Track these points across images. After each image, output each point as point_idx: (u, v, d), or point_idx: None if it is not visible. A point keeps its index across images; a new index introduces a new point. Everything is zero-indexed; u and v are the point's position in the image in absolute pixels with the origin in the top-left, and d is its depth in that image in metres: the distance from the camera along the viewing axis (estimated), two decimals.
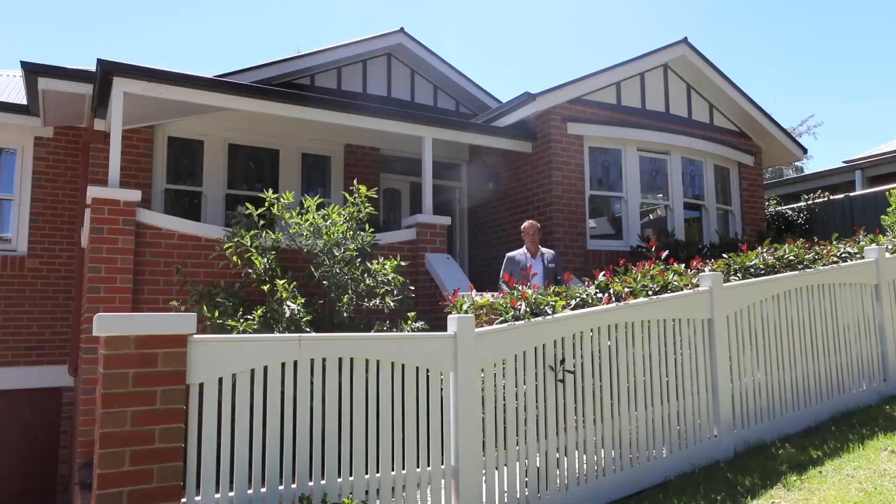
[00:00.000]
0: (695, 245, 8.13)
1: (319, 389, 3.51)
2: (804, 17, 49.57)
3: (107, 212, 5.96)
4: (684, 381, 4.84)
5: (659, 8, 52.03)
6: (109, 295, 5.88)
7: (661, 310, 4.78)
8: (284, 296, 5.17)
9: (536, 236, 6.61)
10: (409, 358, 3.76)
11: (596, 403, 4.41)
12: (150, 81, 6.31)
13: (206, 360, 3.23)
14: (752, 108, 9.88)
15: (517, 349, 4.13)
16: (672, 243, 7.84)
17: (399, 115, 7.77)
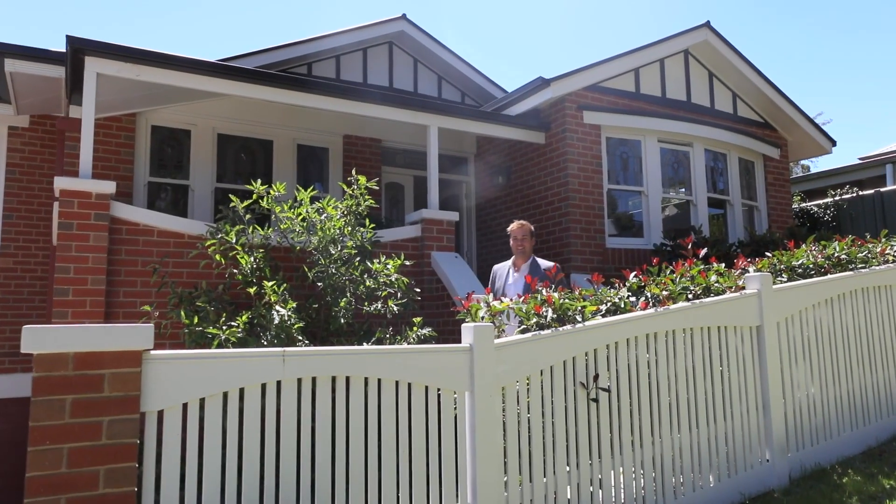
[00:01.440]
0: (722, 243, 7.50)
1: (308, 415, 2.89)
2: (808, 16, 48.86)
3: (77, 205, 5.33)
4: (732, 398, 4.21)
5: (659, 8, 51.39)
6: (79, 298, 5.26)
7: (705, 316, 4.15)
8: (273, 299, 4.54)
9: (526, 242, 5.07)
10: (416, 375, 3.13)
11: (634, 425, 3.78)
12: (125, 62, 5.68)
13: (166, 382, 2.61)
14: (778, 97, 9.24)
15: (543, 363, 3.50)
16: (699, 241, 7.20)
17: (402, 101, 7.14)
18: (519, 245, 5.06)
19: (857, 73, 47.84)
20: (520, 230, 5.10)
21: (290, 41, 9.21)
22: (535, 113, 8.13)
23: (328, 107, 6.74)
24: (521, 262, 5.04)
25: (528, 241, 5.09)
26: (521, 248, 5.04)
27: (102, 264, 5.38)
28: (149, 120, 7.48)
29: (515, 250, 5.07)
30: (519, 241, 5.07)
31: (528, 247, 5.08)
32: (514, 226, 5.15)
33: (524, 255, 5.03)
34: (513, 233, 5.12)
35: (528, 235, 5.11)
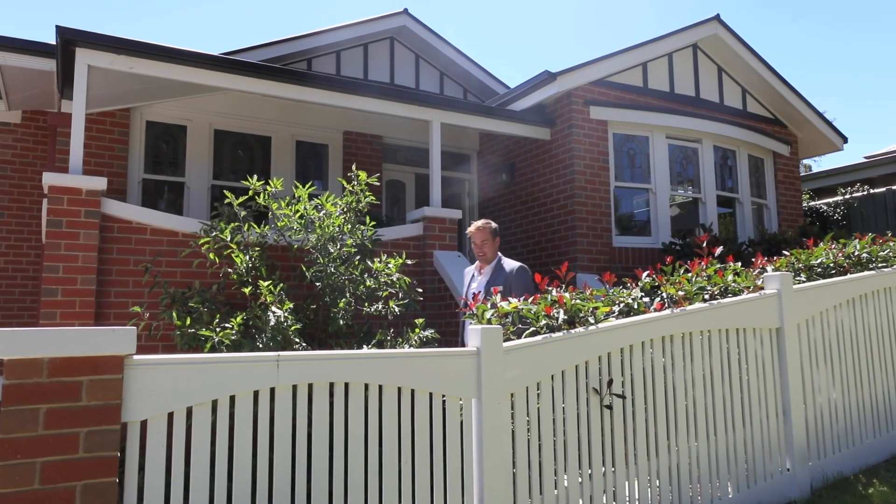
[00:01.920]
0: (733, 242, 7.29)
1: (305, 424, 2.69)
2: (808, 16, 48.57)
3: (66, 202, 5.13)
4: (751, 404, 4.01)
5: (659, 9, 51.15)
6: (68, 299, 5.06)
7: (724, 317, 3.94)
8: (269, 300, 4.34)
9: (487, 247, 4.54)
10: (419, 381, 2.93)
11: (649, 433, 3.58)
12: (118, 53, 5.48)
13: (150, 390, 2.41)
14: (788, 92, 9.03)
15: (554, 368, 3.30)
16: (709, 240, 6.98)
17: (404, 96, 6.94)
18: (479, 250, 4.58)
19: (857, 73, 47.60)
20: (478, 234, 4.57)
21: (289, 36, 9.01)
22: (540, 108, 7.92)
23: (328, 101, 6.53)
24: (484, 266, 4.61)
25: (488, 245, 4.55)
26: (482, 254, 4.57)
27: (93, 263, 5.18)
28: (143, 115, 7.28)
29: (476, 255, 4.60)
30: (478, 247, 4.58)
31: (490, 250, 4.56)
32: (472, 229, 4.60)
33: (486, 259, 4.58)
34: (472, 236, 4.61)
35: (488, 239, 4.56)
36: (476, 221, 4.62)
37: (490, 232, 4.56)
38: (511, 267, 4.46)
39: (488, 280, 4.43)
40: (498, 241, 4.61)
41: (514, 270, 4.43)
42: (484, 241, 4.53)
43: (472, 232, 4.57)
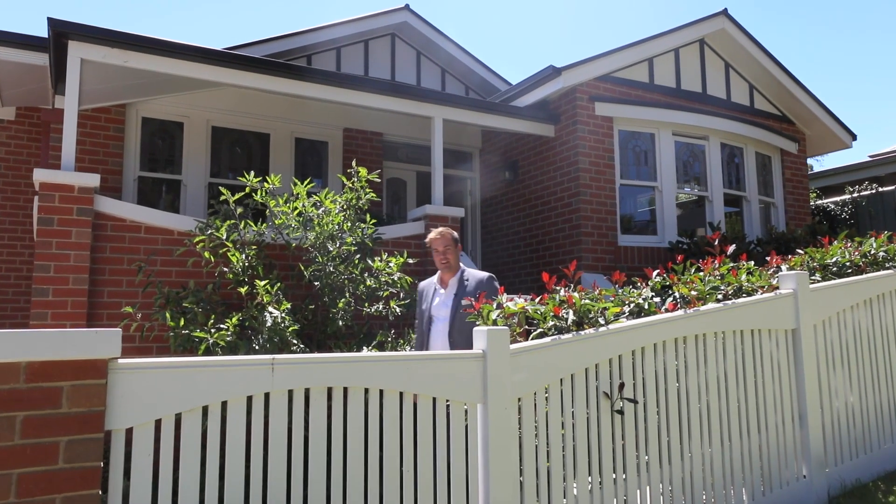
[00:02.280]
0: (741, 240, 7.13)
1: (301, 429, 2.54)
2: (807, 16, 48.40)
3: (58, 199, 4.98)
4: (766, 409, 3.86)
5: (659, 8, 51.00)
6: (59, 299, 4.91)
7: (738, 318, 3.79)
8: (266, 300, 4.19)
9: (450, 254, 4.05)
10: (421, 385, 2.78)
11: (662, 439, 3.43)
12: (112, 47, 5.33)
13: (136, 396, 2.26)
14: (797, 88, 8.87)
15: (564, 371, 3.15)
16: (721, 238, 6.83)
17: (405, 91, 6.79)
18: (442, 258, 4.06)
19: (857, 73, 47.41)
20: (440, 241, 4.08)
21: (288, 32, 8.86)
22: (545, 104, 7.77)
23: (328, 97, 6.38)
24: (449, 277, 4.08)
25: (451, 253, 4.08)
26: (446, 262, 4.06)
27: (85, 262, 5.03)
28: (139, 111, 7.13)
29: (439, 265, 4.09)
30: (441, 254, 4.07)
31: (453, 258, 4.07)
32: (434, 235, 4.12)
33: (450, 268, 4.07)
34: (433, 244, 4.12)
35: (450, 245, 4.08)
36: (435, 229, 4.17)
37: (452, 239, 4.11)
38: (480, 277, 4.04)
39: (456, 293, 3.97)
40: (459, 249, 4.18)
41: (484, 280, 4.00)
42: (447, 247, 4.06)
43: (434, 239, 4.11)
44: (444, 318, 3.95)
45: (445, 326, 3.91)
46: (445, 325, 3.91)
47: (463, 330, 3.78)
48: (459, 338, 3.78)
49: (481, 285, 3.96)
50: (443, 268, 4.08)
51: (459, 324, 3.84)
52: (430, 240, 4.14)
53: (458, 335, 3.82)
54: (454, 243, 4.10)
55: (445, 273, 4.09)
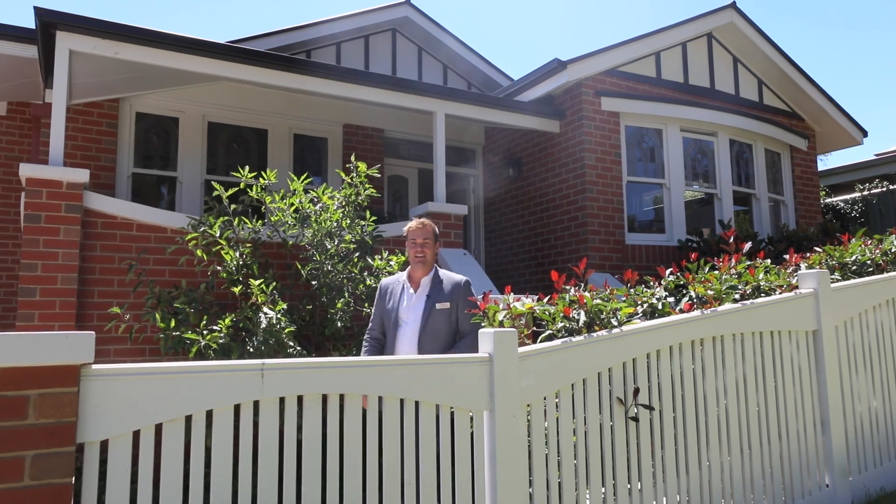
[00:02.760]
0: (752, 239, 6.93)
1: (293, 441, 2.35)
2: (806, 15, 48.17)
3: (45, 195, 4.80)
4: (787, 414, 3.66)
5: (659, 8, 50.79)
6: (47, 299, 4.73)
7: (757, 319, 3.59)
8: (261, 300, 4.00)
9: (428, 249, 3.55)
10: (424, 392, 2.58)
11: (678, 447, 3.23)
12: (102, 37, 5.15)
13: (112, 405, 2.07)
14: (807, 83, 8.67)
15: (575, 376, 2.95)
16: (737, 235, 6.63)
17: (406, 85, 6.59)
18: (418, 252, 3.53)
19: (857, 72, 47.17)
20: (420, 231, 3.56)
21: (287, 27, 8.68)
22: (549, 99, 7.58)
23: (327, 90, 6.19)
24: (422, 275, 3.55)
25: (430, 248, 3.56)
26: (422, 257, 3.53)
27: (74, 261, 4.84)
28: (133, 106, 6.94)
29: (413, 259, 3.56)
30: (419, 247, 3.54)
31: (431, 254, 3.56)
32: (414, 225, 3.62)
33: (424, 265, 3.54)
34: (410, 234, 3.59)
35: (430, 239, 3.57)
36: (417, 219, 3.74)
37: (433, 232, 3.63)
38: (457, 280, 3.56)
39: (429, 294, 3.50)
40: (438, 248, 3.69)
41: (461, 285, 3.54)
42: (426, 240, 3.56)
43: (413, 228, 3.60)
44: (414, 322, 3.46)
45: (415, 331, 3.43)
46: (415, 330, 3.43)
47: (436, 336, 3.42)
48: (430, 343, 3.40)
49: (458, 289, 3.51)
50: (416, 263, 3.55)
51: (431, 328, 3.42)
52: (409, 229, 3.63)
53: (428, 340, 3.41)
54: (434, 238, 3.63)
55: (418, 270, 3.57)
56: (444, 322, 3.43)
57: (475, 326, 3.40)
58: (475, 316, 3.36)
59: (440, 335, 3.41)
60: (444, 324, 3.43)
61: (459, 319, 3.47)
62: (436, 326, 3.41)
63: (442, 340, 3.41)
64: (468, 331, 3.44)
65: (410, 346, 3.40)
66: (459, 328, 3.48)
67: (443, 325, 3.42)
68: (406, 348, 3.41)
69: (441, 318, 3.43)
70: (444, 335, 3.42)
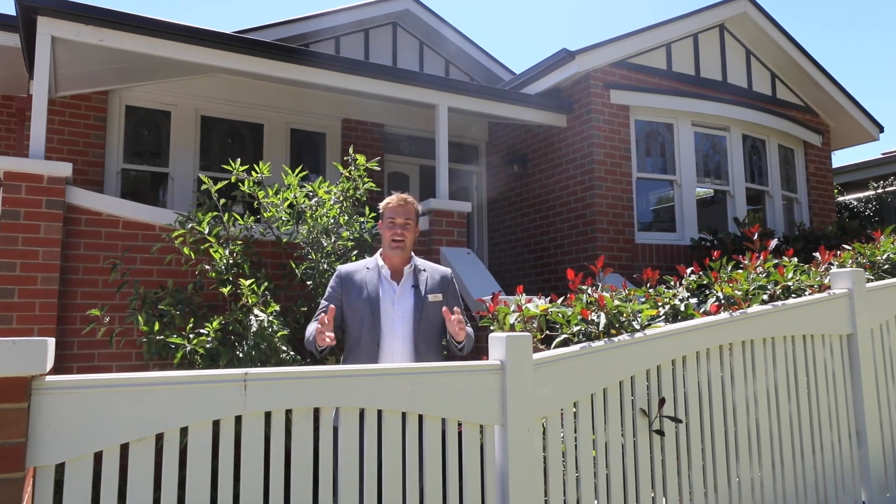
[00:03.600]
0: (770, 236, 6.64)
1: (281, 461, 2.07)
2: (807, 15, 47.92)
3: (24, 190, 4.52)
4: (821, 425, 3.37)
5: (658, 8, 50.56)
6: (26, 300, 4.45)
7: (789, 322, 3.31)
8: (252, 301, 3.72)
9: (409, 230, 2.98)
10: (428, 404, 2.30)
11: (706, 462, 2.95)
12: (86, 23, 4.87)
13: (69, 423, 1.79)
14: (822, 77, 8.38)
15: (595, 385, 2.67)
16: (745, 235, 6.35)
17: (408, 77, 6.31)
18: (397, 235, 2.94)
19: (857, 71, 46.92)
20: (401, 209, 2.97)
21: (283, 19, 8.40)
22: (556, 92, 7.30)
23: (326, 82, 5.91)
24: (401, 263, 2.99)
25: (410, 230, 2.98)
26: (401, 241, 2.94)
27: (56, 260, 4.56)
28: (123, 99, 6.67)
29: (391, 243, 2.95)
30: (398, 228, 2.95)
31: (411, 240, 3.00)
32: (394, 201, 2.99)
33: (404, 251, 2.96)
34: (388, 211, 2.99)
35: (412, 220, 3.00)
36: (397, 193, 3.07)
37: (416, 211, 3.03)
38: (443, 272, 3.07)
39: (415, 285, 2.96)
40: (417, 232, 3.10)
41: (448, 277, 3.06)
42: (408, 221, 2.96)
43: (393, 206, 2.98)
44: (405, 317, 2.87)
45: (408, 327, 2.86)
46: (408, 326, 2.86)
47: (430, 333, 2.91)
48: (424, 343, 2.88)
49: (446, 282, 3.03)
50: (395, 248, 2.93)
51: (426, 324, 2.89)
52: (388, 205, 3.00)
53: (422, 339, 2.88)
54: (416, 219, 3.04)
55: (396, 257, 2.96)
56: (437, 317, 2.92)
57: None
58: (484, 319, 3.08)
59: (434, 332, 2.94)
60: (437, 319, 2.93)
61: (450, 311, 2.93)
62: (430, 322, 2.92)
63: (436, 339, 2.96)
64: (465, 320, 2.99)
65: (404, 346, 2.87)
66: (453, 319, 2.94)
67: (436, 321, 2.93)
68: (399, 348, 2.86)
69: (433, 312, 2.92)
70: (437, 332, 2.96)
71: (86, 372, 4.57)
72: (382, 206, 3.05)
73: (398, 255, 2.95)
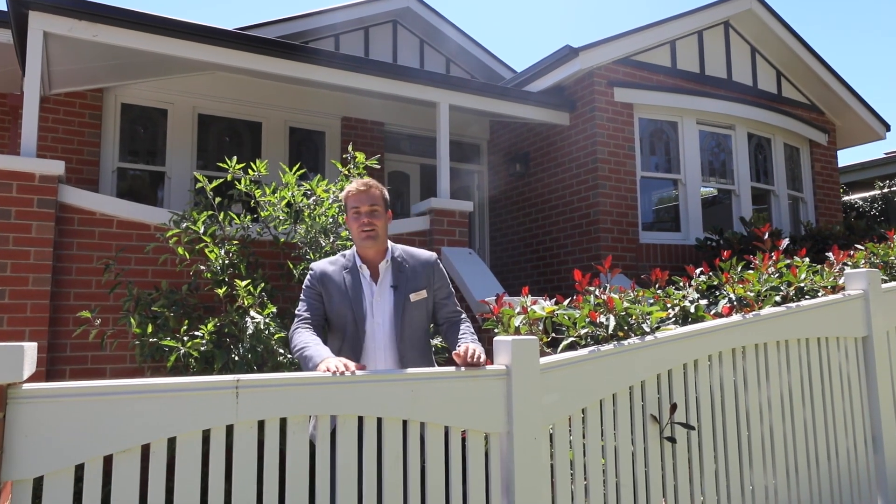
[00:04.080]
0: (777, 235, 6.53)
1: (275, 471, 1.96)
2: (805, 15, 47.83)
3: (15, 189, 4.41)
4: (836, 431, 3.26)
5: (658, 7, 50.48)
6: (17, 302, 4.34)
7: (804, 324, 3.20)
8: (248, 302, 3.60)
9: (378, 219, 2.60)
10: (430, 412, 2.19)
11: (719, 470, 2.84)
12: (79, 18, 4.76)
13: (49, 434, 1.68)
14: (828, 75, 8.27)
15: (604, 391, 2.56)
16: (752, 234, 6.24)
17: (408, 74, 6.21)
18: (365, 225, 2.57)
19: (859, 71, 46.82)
20: (364, 196, 2.59)
21: (281, 17, 8.29)
22: (559, 90, 7.19)
23: (326, 79, 5.80)
24: (380, 258, 2.63)
25: (379, 218, 2.61)
26: (370, 231, 2.57)
27: (48, 260, 4.45)
28: (118, 97, 6.56)
29: (360, 235, 2.58)
30: (364, 217, 2.58)
31: (382, 228, 2.61)
32: (354, 188, 2.62)
33: (376, 242, 2.59)
34: (350, 201, 2.62)
35: (380, 206, 2.62)
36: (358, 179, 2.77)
37: (382, 197, 2.65)
38: (426, 258, 2.69)
39: (395, 284, 2.60)
40: (390, 218, 2.72)
41: (433, 262, 2.69)
42: (373, 208, 2.59)
43: (355, 194, 2.60)
44: (384, 324, 2.56)
45: (389, 335, 2.55)
46: (388, 334, 2.55)
47: (414, 338, 2.60)
48: (410, 350, 2.58)
49: (432, 270, 2.66)
50: (365, 240, 2.56)
51: (409, 329, 2.57)
52: (349, 195, 2.63)
53: (407, 346, 2.57)
54: (385, 205, 2.66)
55: (368, 249, 2.60)
56: (421, 318, 2.61)
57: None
58: (488, 321, 2.97)
59: (418, 335, 2.62)
60: (423, 319, 2.62)
61: (444, 305, 2.67)
62: (413, 325, 2.58)
63: (423, 341, 2.65)
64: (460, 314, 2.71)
65: (387, 357, 2.56)
66: (443, 315, 2.67)
67: (421, 322, 2.61)
68: (381, 358, 2.55)
69: (418, 312, 2.59)
70: (424, 333, 2.65)
71: (79, 375, 4.46)
72: (343, 196, 2.68)
73: (371, 246, 2.59)
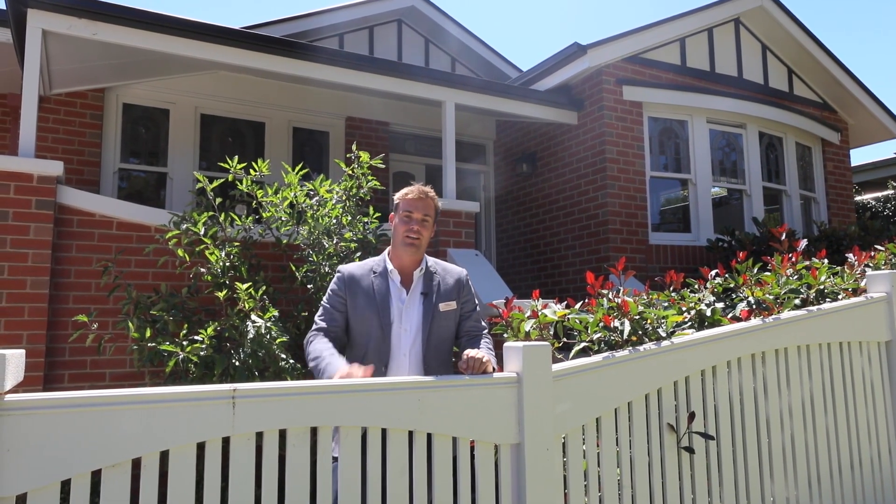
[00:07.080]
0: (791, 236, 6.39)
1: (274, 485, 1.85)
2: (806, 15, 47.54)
3: (13, 190, 4.32)
4: (859, 439, 3.13)
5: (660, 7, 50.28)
6: (15, 305, 4.24)
7: (826, 328, 3.08)
8: (249, 306, 3.50)
9: (427, 227, 2.58)
10: (437, 422, 2.08)
11: (739, 481, 2.72)
12: (79, 16, 4.67)
13: (33, 448, 1.58)
14: (841, 73, 8.12)
15: (619, 399, 2.44)
16: (765, 235, 6.11)
17: (413, 73, 6.10)
18: (413, 232, 2.54)
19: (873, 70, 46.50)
20: (421, 204, 2.57)
21: (285, 16, 8.21)
22: (567, 89, 7.07)
23: (330, 78, 5.69)
24: (412, 267, 2.60)
25: (428, 228, 2.60)
26: (416, 239, 2.55)
27: (46, 263, 4.36)
28: (120, 97, 6.47)
29: (404, 241, 2.54)
30: (415, 224, 2.55)
31: (427, 239, 2.60)
32: (414, 193, 2.59)
33: (418, 251, 2.57)
34: (406, 204, 2.58)
35: (431, 216, 2.60)
36: (416, 184, 2.68)
37: (435, 209, 2.63)
38: (458, 274, 2.68)
39: (424, 291, 2.57)
40: (433, 232, 2.71)
41: (463, 279, 2.68)
42: (426, 218, 2.57)
43: (412, 199, 2.57)
44: (410, 335, 2.51)
45: (417, 343, 2.51)
46: (416, 342, 2.51)
47: (440, 347, 2.56)
48: (435, 359, 2.54)
49: (461, 286, 2.64)
50: (407, 246, 2.53)
51: (437, 338, 2.54)
52: (405, 197, 2.59)
53: (433, 355, 2.53)
54: (435, 217, 2.63)
55: (406, 257, 2.56)
56: (449, 329, 2.59)
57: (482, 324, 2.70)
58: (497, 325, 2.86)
59: (445, 346, 2.59)
60: (450, 331, 2.59)
61: (468, 318, 2.63)
62: (441, 335, 2.56)
63: (446, 353, 2.61)
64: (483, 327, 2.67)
65: (411, 365, 2.51)
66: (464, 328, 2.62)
67: (448, 333, 2.59)
68: (405, 367, 2.51)
69: (446, 323, 2.56)
70: (448, 346, 2.62)
71: (77, 380, 4.37)
72: (399, 197, 2.62)
73: (410, 254, 2.55)
